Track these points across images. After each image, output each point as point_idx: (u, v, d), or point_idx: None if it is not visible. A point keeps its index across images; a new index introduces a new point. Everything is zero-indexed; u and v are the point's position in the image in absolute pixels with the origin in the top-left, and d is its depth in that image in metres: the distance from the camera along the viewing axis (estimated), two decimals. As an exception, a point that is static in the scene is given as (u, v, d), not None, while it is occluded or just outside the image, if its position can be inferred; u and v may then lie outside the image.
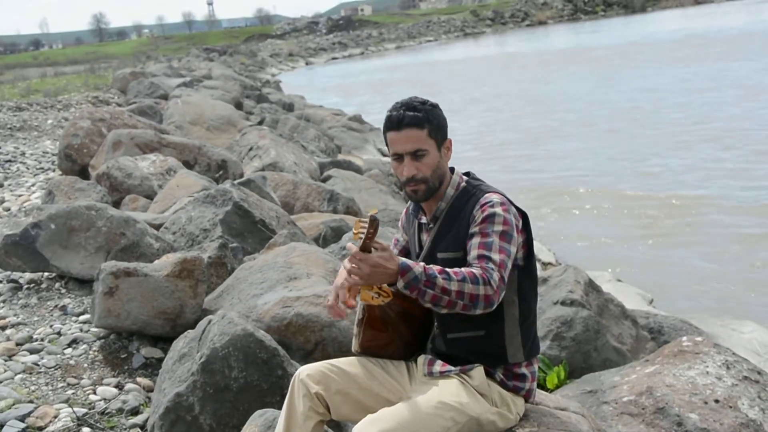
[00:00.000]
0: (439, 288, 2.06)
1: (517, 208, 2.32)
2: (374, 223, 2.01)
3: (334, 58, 64.25)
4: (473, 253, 2.19)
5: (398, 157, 2.32)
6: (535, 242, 2.46)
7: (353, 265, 2.05)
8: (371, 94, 26.71)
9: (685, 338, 3.46)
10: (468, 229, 2.26)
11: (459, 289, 2.06)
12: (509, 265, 2.19)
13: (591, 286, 4.53)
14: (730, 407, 2.97)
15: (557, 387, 3.81)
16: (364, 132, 15.78)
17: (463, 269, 2.11)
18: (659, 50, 32.10)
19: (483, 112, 19.89)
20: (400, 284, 2.06)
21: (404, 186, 2.36)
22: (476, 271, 2.11)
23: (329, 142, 13.09)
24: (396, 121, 2.30)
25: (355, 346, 2.41)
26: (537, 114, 18.37)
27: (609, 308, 4.51)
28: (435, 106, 2.34)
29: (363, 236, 2.02)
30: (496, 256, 2.16)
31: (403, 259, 2.09)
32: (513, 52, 44.67)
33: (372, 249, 2.06)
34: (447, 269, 2.10)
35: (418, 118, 2.28)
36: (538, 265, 6.87)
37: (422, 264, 2.10)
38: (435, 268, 2.09)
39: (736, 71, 21.86)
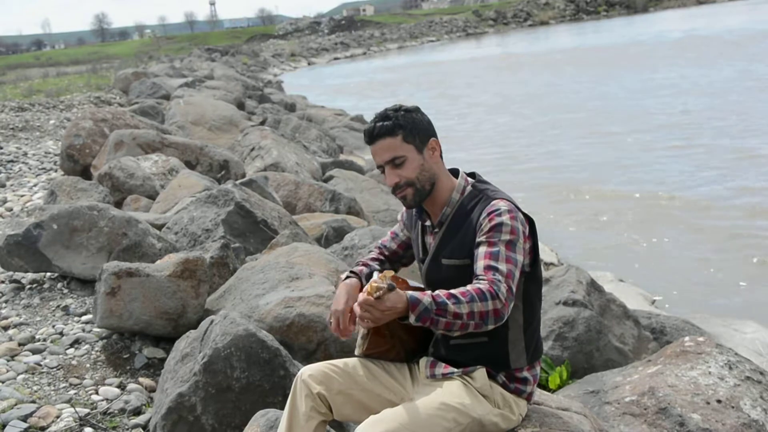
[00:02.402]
0: (450, 314, 2.05)
1: (524, 214, 2.31)
2: (392, 290, 2.02)
3: (336, 59, 64.27)
4: (480, 263, 2.17)
5: (381, 169, 2.34)
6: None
7: (365, 312, 2.04)
8: (377, 98, 26.51)
9: (687, 338, 3.45)
10: (474, 236, 2.25)
11: (469, 310, 2.05)
12: (517, 274, 2.18)
13: (593, 287, 4.53)
14: (733, 407, 2.97)
15: (559, 387, 3.80)
16: (366, 132, 15.76)
17: (469, 287, 2.10)
18: (672, 51, 31.56)
19: (496, 113, 19.72)
20: (412, 319, 2.05)
21: (394, 194, 2.37)
22: (483, 285, 2.09)
23: (331, 142, 13.10)
24: (369, 134, 2.33)
25: (358, 352, 2.42)
26: (549, 114, 18.27)
27: (611, 308, 4.51)
28: (410, 111, 2.34)
29: (378, 296, 2.01)
30: (503, 267, 2.14)
31: (410, 292, 2.07)
32: (519, 52, 44.45)
33: None
34: (454, 292, 2.08)
35: (388, 127, 2.29)
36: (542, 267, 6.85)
37: (429, 292, 2.08)
38: (443, 294, 2.08)
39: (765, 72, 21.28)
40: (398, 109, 2.33)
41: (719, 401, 3.00)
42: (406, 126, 2.30)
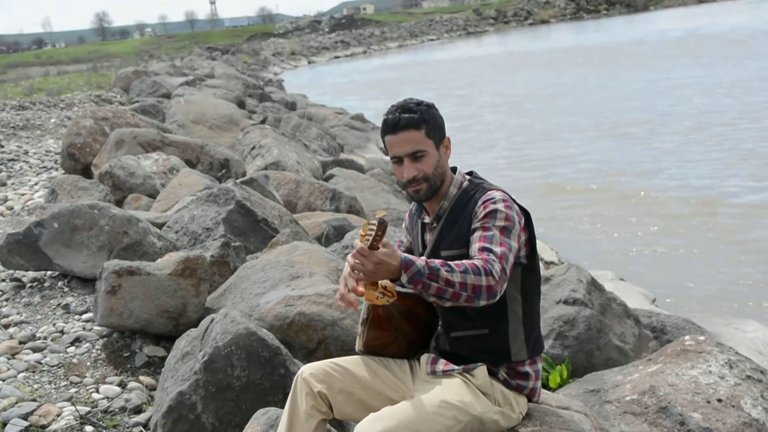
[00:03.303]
0: (442, 280, 2.04)
1: (520, 207, 2.33)
2: (383, 225, 2.00)
3: (336, 57, 64.23)
4: (475, 246, 2.19)
5: (398, 160, 2.33)
6: (537, 241, 2.46)
7: (357, 261, 2.04)
8: (378, 97, 26.42)
9: (687, 337, 3.45)
10: (470, 226, 2.27)
11: (462, 280, 2.05)
12: (511, 259, 2.19)
13: (593, 285, 4.53)
14: (733, 406, 2.97)
15: (560, 386, 3.81)
16: (367, 131, 15.77)
17: (464, 261, 2.11)
18: (675, 50, 31.16)
19: (498, 114, 19.64)
20: (404, 279, 2.04)
21: (406, 187, 2.37)
22: (478, 262, 2.10)
23: (331, 140, 13.08)
24: (392, 124, 2.31)
25: (358, 345, 2.41)
26: (554, 115, 18.22)
27: (611, 307, 4.51)
28: (431, 106, 2.35)
29: (371, 238, 2.01)
30: (497, 249, 2.16)
31: (406, 254, 2.08)
32: (521, 51, 44.30)
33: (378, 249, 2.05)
34: (449, 262, 2.09)
35: (414, 120, 2.29)
36: (541, 264, 6.85)
37: (424, 258, 2.09)
38: (437, 261, 2.08)
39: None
40: (420, 103, 2.33)
41: (720, 400, 2.99)
42: (429, 121, 2.31)
